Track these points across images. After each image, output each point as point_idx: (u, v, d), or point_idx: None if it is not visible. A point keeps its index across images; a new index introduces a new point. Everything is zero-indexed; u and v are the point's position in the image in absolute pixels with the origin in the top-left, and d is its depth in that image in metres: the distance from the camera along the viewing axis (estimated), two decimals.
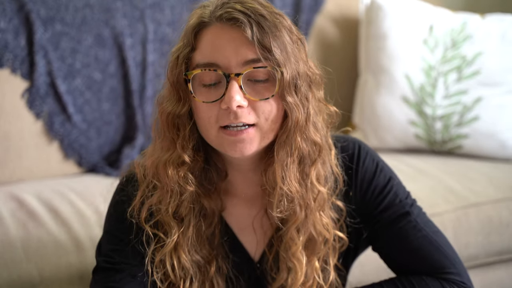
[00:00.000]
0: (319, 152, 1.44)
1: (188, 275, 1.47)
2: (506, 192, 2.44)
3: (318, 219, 1.47)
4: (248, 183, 1.52)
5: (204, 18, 1.37)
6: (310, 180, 1.44)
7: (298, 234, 1.47)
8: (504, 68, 2.65)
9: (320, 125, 1.44)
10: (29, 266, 1.91)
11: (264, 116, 1.36)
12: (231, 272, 1.53)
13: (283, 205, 1.43)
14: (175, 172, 1.41)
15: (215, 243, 1.52)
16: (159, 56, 2.60)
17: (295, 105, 1.37)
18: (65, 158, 2.51)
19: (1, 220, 2.07)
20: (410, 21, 2.72)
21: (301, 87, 1.38)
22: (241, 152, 1.37)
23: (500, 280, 2.45)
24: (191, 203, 1.46)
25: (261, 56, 1.33)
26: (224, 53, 1.34)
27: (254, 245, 1.56)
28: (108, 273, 1.47)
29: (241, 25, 1.32)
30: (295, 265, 1.47)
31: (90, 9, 2.53)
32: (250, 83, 1.35)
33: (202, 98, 1.36)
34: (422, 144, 2.69)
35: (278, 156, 1.41)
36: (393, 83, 2.67)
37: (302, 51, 1.41)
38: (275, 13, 1.38)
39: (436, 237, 1.54)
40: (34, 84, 2.44)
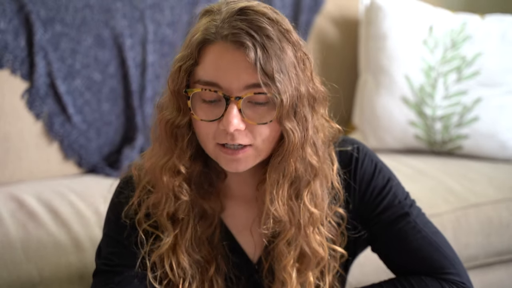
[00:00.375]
0: (314, 175, 1.43)
1: (187, 275, 1.47)
2: (506, 193, 2.44)
3: (312, 237, 1.47)
4: (246, 185, 1.52)
5: (209, 35, 1.35)
6: (303, 202, 1.44)
7: (289, 248, 1.47)
8: (504, 69, 2.65)
9: (320, 143, 1.44)
10: (29, 266, 1.91)
11: (261, 138, 1.36)
12: (231, 272, 1.53)
13: (269, 223, 1.43)
14: (170, 179, 1.42)
15: (214, 243, 1.52)
16: (159, 57, 2.61)
17: (292, 130, 1.36)
18: (65, 159, 2.51)
19: (1, 221, 2.07)
20: (410, 21, 2.72)
21: (300, 110, 1.37)
22: (236, 169, 1.38)
23: (500, 281, 2.46)
24: (190, 205, 1.46)
25: (262, 82, 1.31)
26: (226, 75, 1.33)
27: (252, 246, 1.56)
28: (107, 275, 1.47)
29: (245, 49, 1.30)
30: (285, 278, 1.48)
31: (90, 10, 2.53)
32: (250, 105, 1.35)
33: (202, 115, 1.36)
34: (422, 145, 2.69)
35: (270, 178, 1.41)
36: (392, 83, 2.67)
37: (307, 69, 1.40)
38: (283, 30, 1.36)
39: (436, 237, 1.54)
40: (34, 84, 2.44)
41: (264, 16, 1.34)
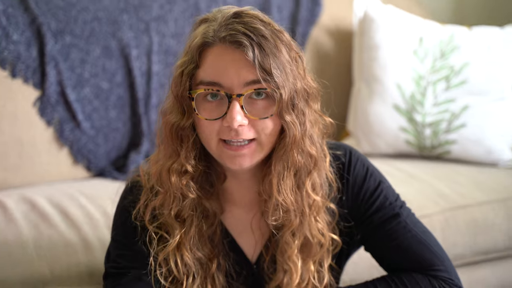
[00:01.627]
0: (314, 164, 1.45)
1: (191, 272, 1.48)
2: (492, 195, 2.45)
3: (313, 224, 1.49)
4: (245, 190, 1.54)
5: (208, 38, 1.37)
6: (306, 190, 1.46)
7: (293, 238, 1.48)
8: (490, 78, 2.66)
9: (315, 136, 1.45)
10: (41, 265, 1.92)
11: (263, 132, 1.38)
12: (232, 268, 1.54)
13: (278, 214, 1.44)
14: (178, 179, 1.43)
15: (215, 242, 1.53)
16: (164, 66, 2.61)
17: (292, 123, 1.38)
18: (75, 163, 2.51)
19: (14, 222, 2.08)
20: (401, 33, 2.73)
21: (298, 104, 1.39)
22: (240, 165, 1.39)
23: (486, 278, 2.46)
24: (193, 205, 1.47)
25: (261, 78, 1.33)
26: (227, 74, 1.35)
27: (252, 247, 1.57)
28: (115, 277, 1.49)
29: (244, 48, 1.33)
30: (291, 267, 1.48)
31: (98, 22, 2.54)
32: (250, 101, 1.37)
33: (205, 114, 1.37)
34: (412, 150, 2.70)
35: (275, 169, 1.42)
36: (385, 91, 2.68)
37: (300, 67, 1.42)
38: (275, 31, 1.38)
39: (425, 236, 1.56)
40: (45, 93, 2.44)
41: (257, 18, 1.37)
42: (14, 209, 2.16)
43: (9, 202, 2.20)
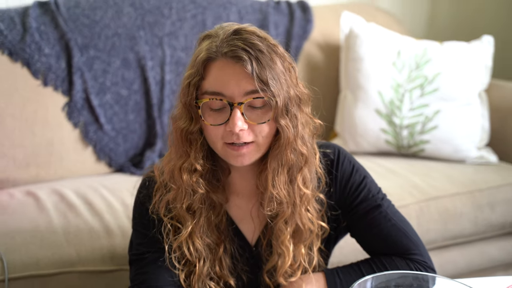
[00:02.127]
0: (305, 161, 1.45)
1: (201, 256, 1.48)
2: (460, 188, 2.45)
3: (304, 214, 1.49)
4: (246, 182, 1.54)
5: (212, 54, 1.37)
6: (297, 184, 1.46)
7: (286, 226, 1.48)
8: (458, 86, 2.66)
9: (307, 136, 1.46)
10: (69, 249, 1.92)
11: (261, 134, 1.39)
12: (236, 251, 1.55)
13: (272, 205, 1.45)
14: (189, 177, 1.43)
15: (221, 229, 1.53)
16: (175, 76, 2.61)
17: (286, 126, 1.38)
18: (98, 160, 2.52)
19: (46, 211, 2.10)
20: (382, 47, 2.73)
21: (291, 109, 1.39)
22: (242, 163, 1.40)
23: (454, 260, 2.47)
24: (202, 199, 1.47)
25: (259, 88, 1.34)
26: (229, 85, 1.35)
27: (251, 232, 1.57)
28: (137, 263, 1.50)
29: (243, 62, 1.33)
30: (284, 251, 1.49)
31: (118, 37, 2.54)
32: (250, 109, 1.37)
33: (210, 121, 1.38)
34: (391, 149, 2.71)
35: (271, 166, 1.43)
36: (367, 98, 2.68)
37: (293, 75, 1.43)
38: (271, 45, 1.39)
39: (403, 224, 1.56)
40: (72, 99, 2.46)
41: (254, 34, 1.37)
42: (45, 200, 2.17)
43: (41, 194, 2.21)
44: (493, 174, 2.58)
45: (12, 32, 2.41)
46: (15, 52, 2.39)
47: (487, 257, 2.54)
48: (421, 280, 1.28)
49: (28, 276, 1.83)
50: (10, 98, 2.36)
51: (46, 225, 2.01)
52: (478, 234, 2.49)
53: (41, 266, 1.85)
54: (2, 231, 1.97)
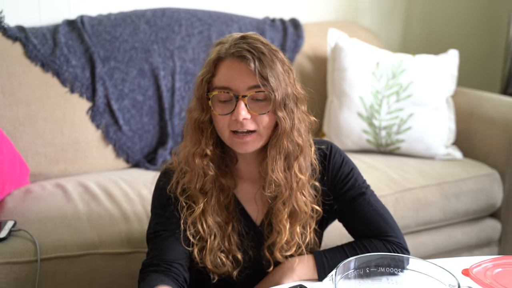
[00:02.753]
0: (300, 151, 1.47)
1: (213, 232, 1.50)
2: (430, 181, 2.45)
3: (299, 197, 1.50)
4: (251, 168, 1.54)
5: (221, 54, 1.41)
6: (293, 171, 1.47)
7: (284, 206, 1.49)
8: (428, 93, 2.65)
9: (302, 130, 1.47)
10: (92, 233, 1.91)
11: (262, 124, 1.41)
12: (243, 229, 1.55)
13: (272, 188, 1.47)
14: (200, 161, 1.46)
15: (230, 210, 1.54)
16: (184, 83, 2.60)
17: (283, 118, 1.42)
18: (117, 157, 2.51)
19: (72, 200, 2.09)
20: (363, 59, 2.72)
21: (288, 104, 1.43)
22: (245, 149, 1.43)
23: (425, 242, 2.48)
24: (213, 181, 1.49)
25: (260, 84, 1.38)
26: (235, 80, 1.39)
27: (256, 213, 1.57)
28: (153, 240, 1.50)
29: (247, 61, 1.37)
30: (281, 229, 1.50)
31: (135, 51, 2.54)
32: (252, 101, 1.40)
33: (219, 111, 1.41)
34: (371, 147, 2.69)
35: (270, 153, 1.45)
36: (351, 103, 2.67)
37: (291, 77, 1.45)
38: (272, 50, 1.42)
39: (383, 211, 1.57)
40: (95, 104, 2.45)
41: (258, 40, 1.42)
42: (72, 191, 2.16)
43: (68, 186, 2.21)
44: (459, 168, 2.57)
45: (44, 46, 2.41)
46: (46, 63, 2.39)
47: (453, 240, 2.54)
48: (397, 261, 1.27)
49: (57, 257, 1.83)
50: (42, 103, 2.36)
51: (72, 212, 2.01)
52: (446, 220, 2.49)
53: (68, 248, 1.85)
54: (35, 218, 1.96)
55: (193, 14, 2.70)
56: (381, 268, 1.26)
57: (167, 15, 2.64)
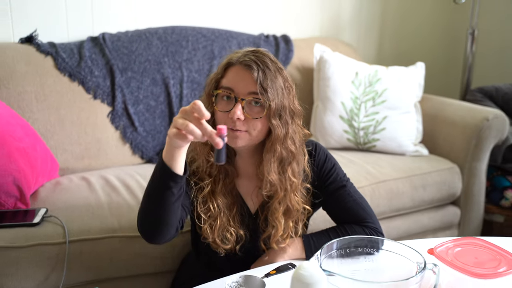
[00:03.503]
0: (293, 158, 1.47)
1: (221, 211, 1.50)
2: (401, 174, 2.45)
3: (293, 197, 1.49)
4: (247, 165, 1.54)
5: (232, 61, 1.42)
6: (287, 174, 1.47)
7: (279, 206, 1.49)
8: (400, 99, 2.66)
9: (296, 140, 1.47)
10: (112, 219, 1.91)
11: (253, 127, 1.41)
12: (245, 213, 1.56)
13: (268, 187, 1.47)
14: (202, 148, 1.48)
15: (234, 194, 1.54)
16: (190, 91, 2.60)
17: (277, 125, 1.41)
18: (133, 154, 2.50)
19: (95, 191, 2.08)
20: (344, 69, 2.72)
21: (283, 115, 1.42)
22: (235, 144, 1.42)
23: (398, 226, 2.48)
24: (217, 167, 1.50)
25: (259, 91, 1.37)
26: (238, 84, 1.39)
27: (252, 205, 1.57)
28: None
29: (252, 70, 1.37)
30: (277, 224, 1.49)
31: (149, 63, 2.53)
32: (249, 106, 1.40)
33: (220, 107, 1.41)
34: (351, 145, 2.69)
35: (265, 157, 1.45)
36: (334, 107, 2.67)
37: (291, 94, 1.45)
38: (277, 67, 1.43)
39: (361, 201, 1.57)
40: (115, 108, 2.44)
41: (267, 56, 1.42)
42: (95, 183, 2.16)
43: (92, 179, 2.20)
44: (425, 163, 2.57)
45: (71, 59, 2.40)
46: (73, 74, 2.38)
47: (420, 224, 2.55)
48: (373, 242, 1.27)
49: (83, 239, 1.82)
50: (70, 108, 2.35)
51: (95, 201, 2.00)
52: (414, 207, 2.49)
53: (92, 232, 1.84)
54: (64, 206, 1.95)
55: (198, 31, 2.69)
56: (359, 248, 1.27)
57: (176, 32, 2.64)
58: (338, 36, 3.39)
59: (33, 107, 2.28)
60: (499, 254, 1.33)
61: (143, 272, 1.92)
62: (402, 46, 3.67)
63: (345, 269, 1.23)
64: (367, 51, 3.56)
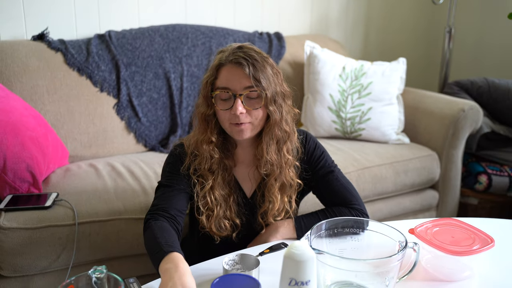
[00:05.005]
0: (288, 137, 1.48)
1: (218, 203, 1.50)
2: (385, 160, 2.46)
3: (287, 174, 1.50)
4: (246, 154, 1.54)
5: (222, 61, 1.40)
6: (283, 152, 1.48)
7: (275, 182, 1.50)
8: (383, 91, 2.65)
9: (289, 120, 1.48)
10: (118, 203, 1.91)
11: (255, 117, 1.41)
12: (240, 201, 1.55)
13: (267, 167, 1.48)
14: (207, 146, 1.46)
15: (231, 186, 1.54)
16: (190, 84, 2.59)
17: (274, 111, 1.42)
18: (137, 142, 2.49)
19: (102, 177, 2.08)
20: (332, 64, 2.71)
21: (277, 100, 1.43)
22: (242, 136, 1.42)
23: (381, 209, 2.48)
24: (218, 162, 1.49)
25: (254, 84, 1.37)
26: (233, 82, 1.39)
27: (249, 188, 1.57)
28: (165, 189, 1.47)
29: (243, 67, 1.37)
30: (273, 199, 1.51)
31: (151, 58, 2.52)
32: (247, 99, 1.40)
33: (221, 107, 1.41)
34: (339, 134, 2.69)
35: (265, 139, 1.46)
36: (323, 99, 2.66)
37: (279, 78, 1.45)
38: (264, 57, 1.42)
39: (348, 185, 1.57)
40: (120, 100, 2.43)
41: (252, 49, 1.42)
42: (102, 170, 2.15)
43: (99, 166, 2.20)
44: (407, 151, 2.57)
45: (80, 55, 2.39)
46: (81, 68, 2.37)
47: (402, 207, 2.55)
48: (359, 223, 1.28)
49: (91, 221, 1.82)
50: (78, 100, 2.34)
51: (102, 186, 2.00)
52: (397, 191, 2.49)
53: (99, 215, 1.84)
54: (73, 190, 1.95)
55: (197, 29, 2.68)
56: (346, 229, 1.27)
57: (176, 29, 2.63)
58: (327, 34, 3.38)
59: (44, 99, 2.27)
60: (473, 233, 1.34)
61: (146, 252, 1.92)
62: (386, 43, 3.67)
63: (333, 248, 1.23)
64: (354, 47, 3.56)
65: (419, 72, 3.76)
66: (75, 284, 0.97)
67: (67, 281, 0.96)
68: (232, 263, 1.27)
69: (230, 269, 1.26)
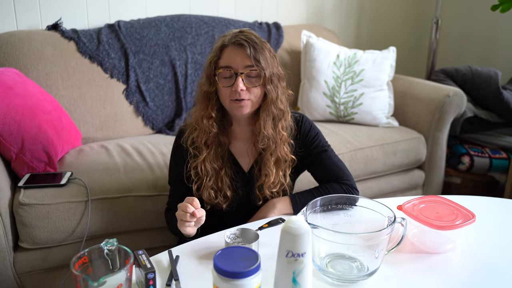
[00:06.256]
0: (282, 114, 1.49)
1: (208, 174, 1.52)
2: (375, 142, 2.45)
3: (282, 149, 1.52)
4: (243, 131, 1.55)
5: (225, 42, 1.43)
6: (278, 129, 1.50)
7: (271, 157, 1.51)
8: (375, 78, 2.64)
9: (284, 99, 1.50)
10: (127, 181, 1.91)
11: (254, 95, 1.43)
12: (234, 174, 1.56)
13: (264, 141, 1.49)
14: (207, 121, 1.48)
15: (224, 160, 1.55)
16: (194, 71, 2.58)
17: (271, 90, 1.44)
18: (145, 125, 2.48)
19: (113, 157, 2.08)
20: (327, 52, 2.70)
21: (274, 80, 1.44)
22: (242, 112, 1.44)
23: (371, 187, 2.48)
24: (214, 137, 1.51)
25: (254, 64, 1.40)
26: (235, 61, 1.41)
27: (246, 163, 1.58)
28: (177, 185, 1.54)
29: (244, 48, 1.39)
30: (269, 172, 1.52)
31: (158, 46, 2.50)
32: (247, 78, 1.42)
33: (222, 84, 1.43)
34: (333, 118, 2.69)
35: (262, 116, 1.48)
36: (318, 85, 2.65)
37: (275, 61, 1.47)
38: (262, 41, 1.44)
39: (340, 163, 1.58)
40: (129, 86, 2.42)
41: (252, 34, 1.44)
42: (112, 150, 2.15)
43: (109, 147, 2.19)
44: (396, 133, 2.57)
45: (91, 43, 2.38)
46: (93, 56, 2.35)
47: (391, 185, 2.56)
48: (351, 200, 1.28)
49: (102, 198, 1.83)
50: (90, 86, 2.33)
51: (113, 165, 2.00)
52: (386, 171, 2.50)
53: (110, 192, 1.85)
54: (86, 169, 1.95)
55: (200, 19, 2.66)
56: (339, 205, 1.27)
57: (181, 20, 2.61)
58: (322, 24, 3.36)
59: (59, 85, 2.26)
60: (456, 210, 1.34)
61: (155, 226, 1.93)
62: (377, 33, 3.65)
63: (327, 223, 1.24)
64: (347, 37, 3.54)
65: (408, 60, 3.75)
66: (89, 256, 0.98)
67: (81, 253, 0.97)
68: (233, 237, 1.28)
69: (232, 242, 1.26)
